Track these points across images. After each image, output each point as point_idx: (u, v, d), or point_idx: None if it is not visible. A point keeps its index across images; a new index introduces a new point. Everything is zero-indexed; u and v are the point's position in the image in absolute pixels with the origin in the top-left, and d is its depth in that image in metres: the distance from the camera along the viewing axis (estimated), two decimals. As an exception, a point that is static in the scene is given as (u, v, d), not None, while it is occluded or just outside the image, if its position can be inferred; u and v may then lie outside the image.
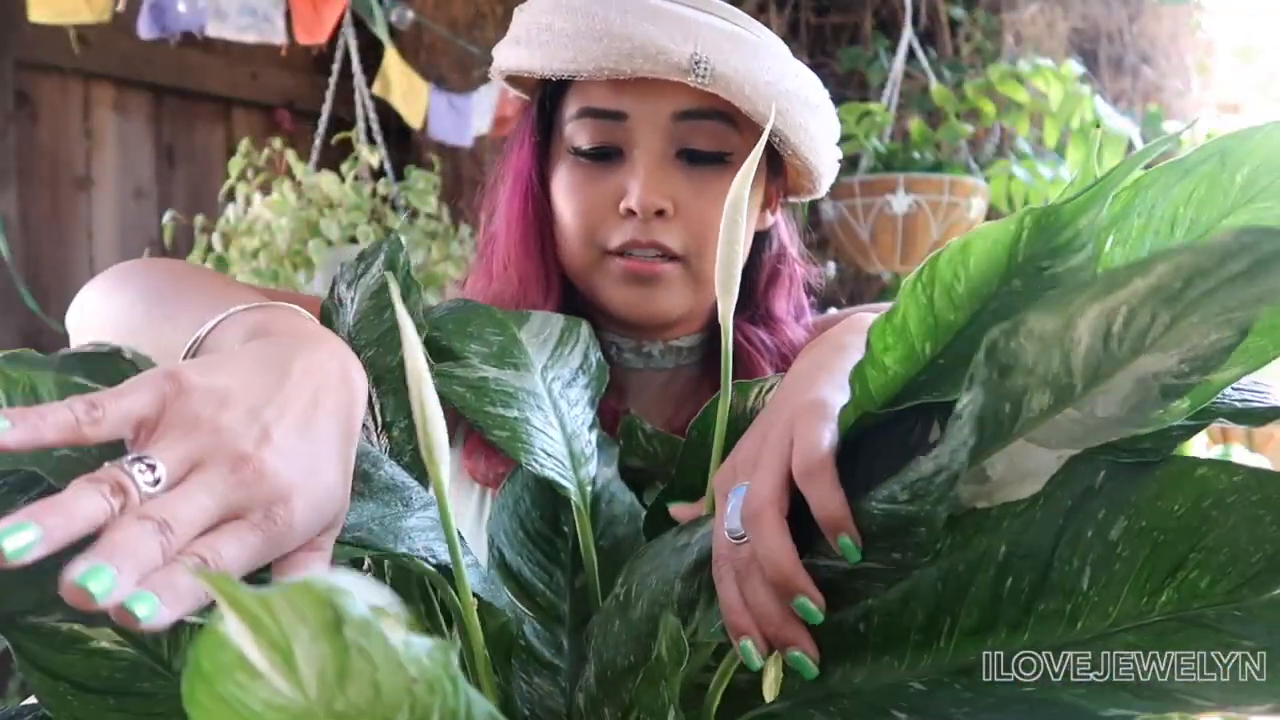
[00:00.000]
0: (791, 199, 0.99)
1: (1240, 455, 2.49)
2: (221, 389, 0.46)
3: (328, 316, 0.70)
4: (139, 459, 0.43)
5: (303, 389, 0.49)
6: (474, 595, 0.54)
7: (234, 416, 0.46)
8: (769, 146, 0.87)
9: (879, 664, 0.50)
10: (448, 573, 0.53)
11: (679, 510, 0.64)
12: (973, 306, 0.52)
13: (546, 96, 0.90)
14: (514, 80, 0.93)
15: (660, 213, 0.84)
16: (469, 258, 2.29)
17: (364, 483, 0.56)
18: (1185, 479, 0.45)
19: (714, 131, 0.84)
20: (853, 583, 0.52)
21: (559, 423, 0.68)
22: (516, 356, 0.72)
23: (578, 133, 0.86)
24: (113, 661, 0.53)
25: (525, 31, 0.86)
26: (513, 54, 0.88)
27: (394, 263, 0.68)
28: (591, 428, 0.70)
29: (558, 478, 0.64)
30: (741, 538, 0.53)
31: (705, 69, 0.80)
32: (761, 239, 0.97)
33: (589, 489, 0.66)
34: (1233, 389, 0.51)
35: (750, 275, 0.96)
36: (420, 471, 0.61)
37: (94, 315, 0.72)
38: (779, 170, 0.93)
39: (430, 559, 0.53)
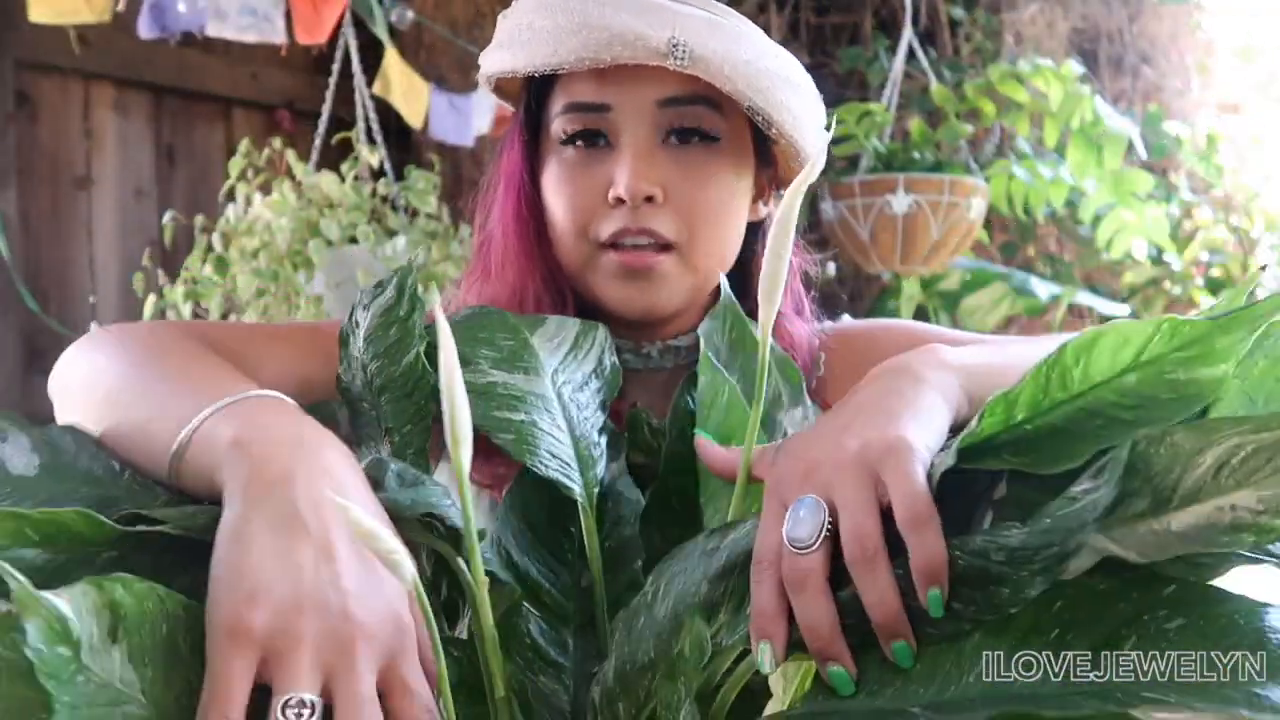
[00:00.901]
0: (783, 190, 0.99)
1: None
2: (277, 592, 0.49)
3: (345, 339, 0.74)
4: (287, 706, 0.47)
5: (321, 525, 0.52)
6: (486, 573, 0.55)
7: (313, 611, 0.49)
8: (756, 132, 0.88)
9: (905, 690, 0.51)
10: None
11: (708, 447, 0.65)
12: (1080, 388, 0.54)
13: (532, 97, 0.91)
14: (500, 90, 0.94)
15: (650, 199, 0.84)
16: (469, 257, 2.29)
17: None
18: (1253, 614, 0.47)
19: (699, 116, 0.85)
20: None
21: (567, 425, 0.69)
22: (527, 360, 0.73)
23: (564, 128, 0.87)
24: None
25: (507, 35, 0.88)
26: (497, 57, 0.89)
27: (403, 286, 0.72)
28: (602, 431, 0.71)
29: (562, 478, 0.65)
30: (805, 548, 0.53)
31: (684, 52, 0.80)
32: (755, 231, 0.97)
33: (595, 490, 0.66)
34: None
35: (745, 269, 0.97)
36: (422, 471, 0.63)
37: (78, 396, 0.71)
38: (768, 160, 0.93)
39: (446, 522, 0.57)
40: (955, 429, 0.59)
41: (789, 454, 0.60)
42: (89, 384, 0.71)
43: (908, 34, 2.52)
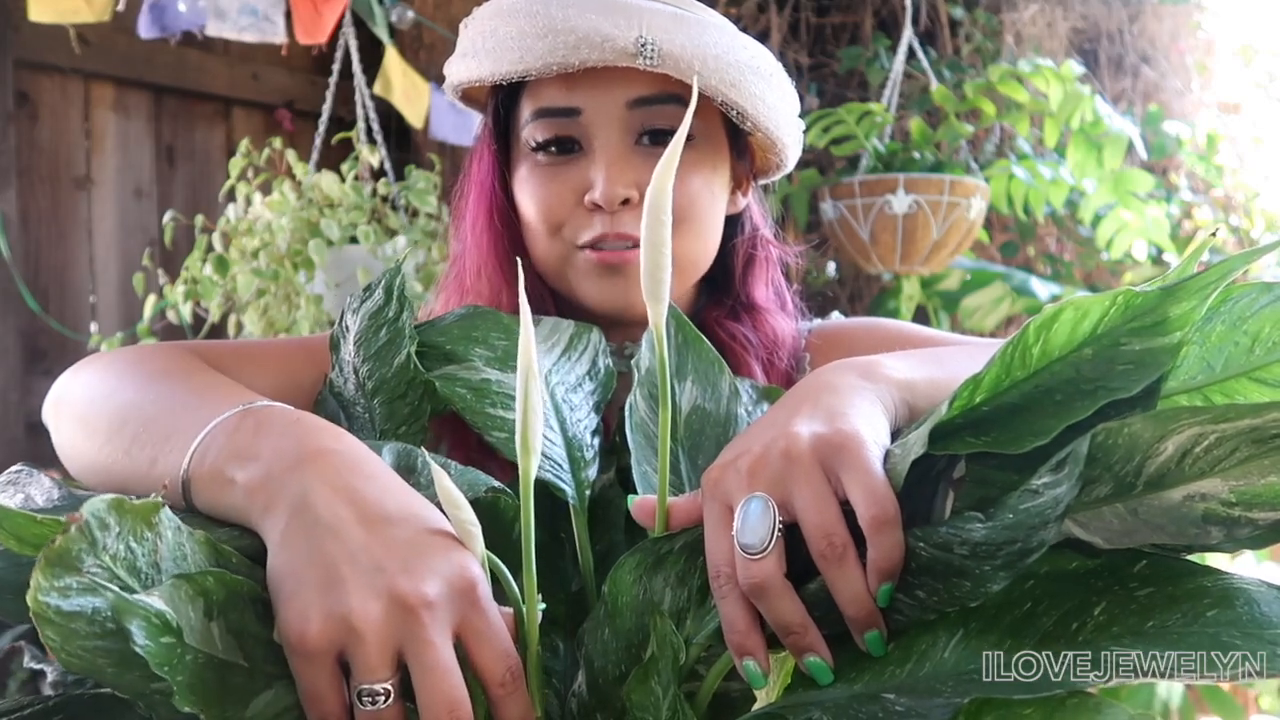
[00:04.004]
0: (761, 180, 0.98)
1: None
2: (320, 598, 0.49)
3: (335, 344, 0.74)
4: (361, 695, 0.48)
5: (342, 520, 0.52)
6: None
7: (362, 601, 0.49)
8: (730, 125, 0.87)
9: (882, 671, 0.51)
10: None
11: (643, 505, 0.62)
12: (1038, 367, 0.54)
13: (500, 105, 0.90)
14: (467, 98, 0.93)
15: (626, 202, 0.84)
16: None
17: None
18: (1222, 577, 0.47)
19: (670, 115, 0.84)
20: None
21: (560, 426, 0.69)
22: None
23: (535, 134, 0.86)
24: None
25: (471, 43, 0.87)
26: (462, 66, 0.88)
27: (391, 288, 0.72)
28: (595, 433, 0.70)
29: (555, 479, 0.64)
30: (759, 553, 0.52)
31: (652, 50, 0.79)
32: (734, 223, 0.96)
33: (587, 492, 0.66)
34: None
35: (726, 262, 0.96)
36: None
37: (79, 425, 0.72)
38: (743, 151, 0.93)
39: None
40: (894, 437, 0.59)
41: (724, 454, 0.59)
42: (89, 412, 0.71)
43: (908, 34, 2.51)
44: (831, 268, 2.70)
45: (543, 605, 0.55)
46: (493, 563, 0.54)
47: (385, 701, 0.49)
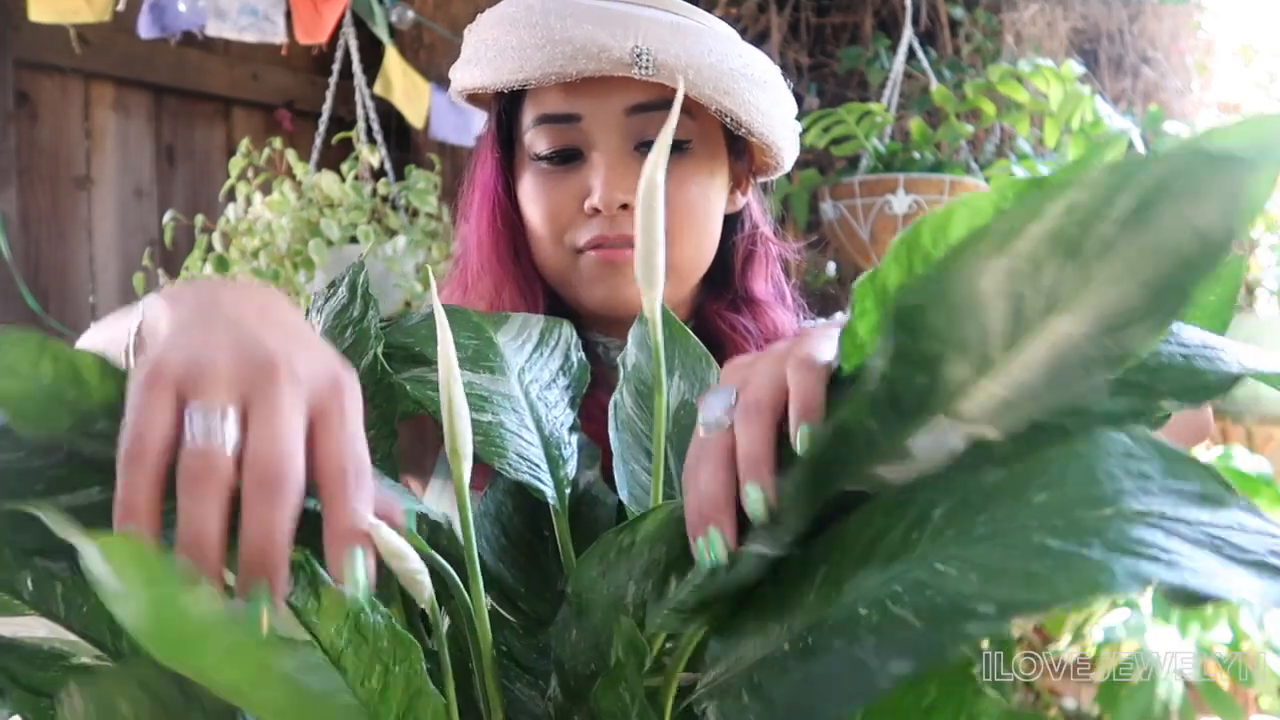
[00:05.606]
0: (760, 178, 0.99)
1: (1242, 456, 2.50)
2: (195, 341, 0.44)
3: None
4: (193, 417, 0.41)
5: (244, 314, 0.47)
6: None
7: (231, 351, 0.44)
8: (726, 129, 0.88)
9: (767, 630, 0.46)
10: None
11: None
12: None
13: (503, 110, 0.91)
14: (473, 97, 0.94)
15: (625, 206, 0.85)
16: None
17: None
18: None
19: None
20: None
21: (536, 425, 0.68)
22: (492, 360, 0.72)
23: (536, 140, 0.88)
24: (95, 675, 0.52)
25: (473, 50, 0.89)
26: (466, 73, 0.90)
27: (355, 286, 0.70)
28: (572, 430, 0.70)
29: (533, 480, 0.64)
30: (727, 408, 0.50)
31: (647, 60, 0.81)
32: (733, 221, 0.98)
33: (567, 490, 0.66)
34: (1181, 354, 0.47)
35: (726, 259, 0.97)
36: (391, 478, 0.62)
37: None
38: (741, 151, 0.94)
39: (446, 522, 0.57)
40: None
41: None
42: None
43: (908, 34, 2.51)
44: (831, 268, 2.70)
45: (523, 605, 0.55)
46: (440, 569, 0.52)
47: (221, 422, 0.42)
